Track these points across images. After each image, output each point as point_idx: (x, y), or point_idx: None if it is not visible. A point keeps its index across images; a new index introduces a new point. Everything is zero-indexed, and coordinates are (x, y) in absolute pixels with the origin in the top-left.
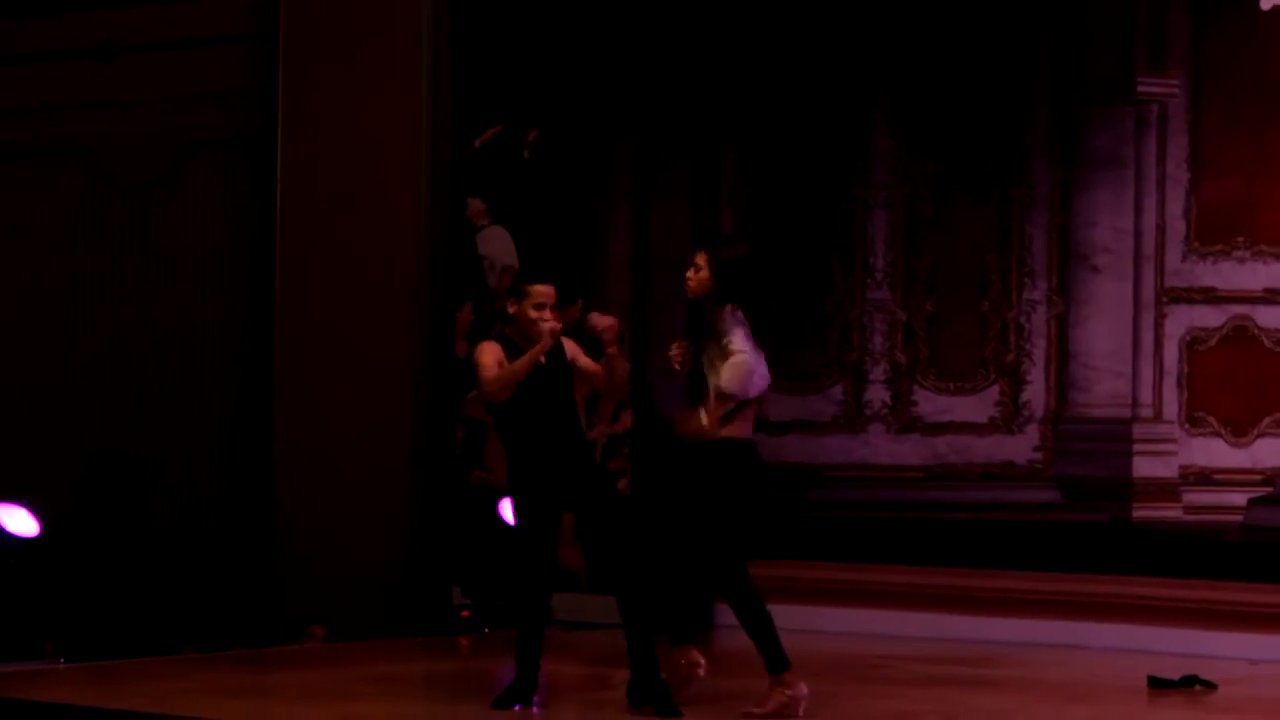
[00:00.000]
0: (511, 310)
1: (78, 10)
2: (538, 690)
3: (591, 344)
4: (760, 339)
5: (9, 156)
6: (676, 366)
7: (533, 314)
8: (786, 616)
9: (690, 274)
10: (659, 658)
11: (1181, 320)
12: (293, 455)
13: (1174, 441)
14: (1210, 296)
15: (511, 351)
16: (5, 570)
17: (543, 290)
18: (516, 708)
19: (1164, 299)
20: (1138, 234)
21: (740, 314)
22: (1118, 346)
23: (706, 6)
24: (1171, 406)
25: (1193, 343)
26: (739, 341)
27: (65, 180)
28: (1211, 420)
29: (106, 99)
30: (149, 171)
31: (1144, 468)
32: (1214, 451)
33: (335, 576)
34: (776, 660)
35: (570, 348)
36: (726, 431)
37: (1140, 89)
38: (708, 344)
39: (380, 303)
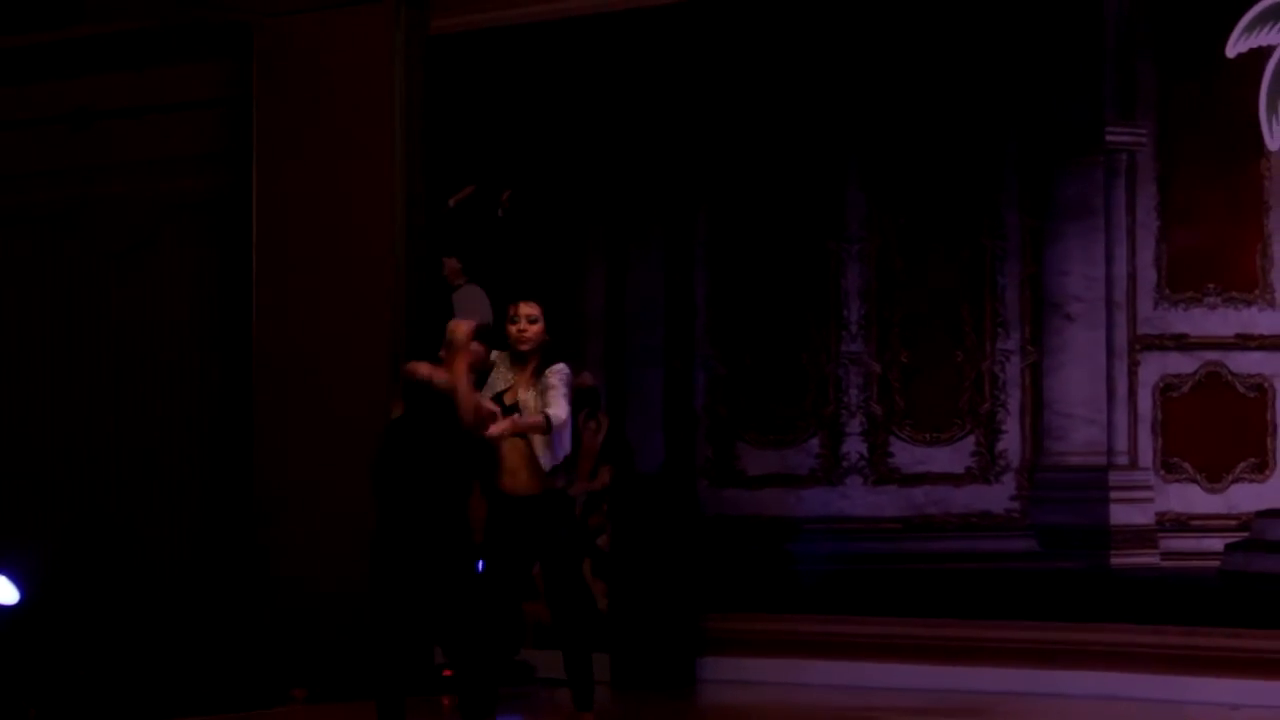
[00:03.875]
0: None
1: (53, 77)
2: None
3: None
4: (735, 394)
5: None
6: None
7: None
8: (768, 670)
9: (526, 325)
10: None
11: (1155, 367)
12: (272, 518)
13: (1150, 488)
14: (1183, 343)
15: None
16: None
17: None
18: None
19: (1137, 346)
20: (1109, 282)
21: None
22: (1092, 394)
23: (677, 64)
24: (1147, 453)
25: (1166, 389)
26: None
27: (41, 246)
28: (1187, 466)
29: (82, 164)
30: (126, 236)
31: (1121, 515)
32: (1190, 497)
33: (315, 638)
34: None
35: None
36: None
37: (1109, 138)
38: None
39: (357, 363)
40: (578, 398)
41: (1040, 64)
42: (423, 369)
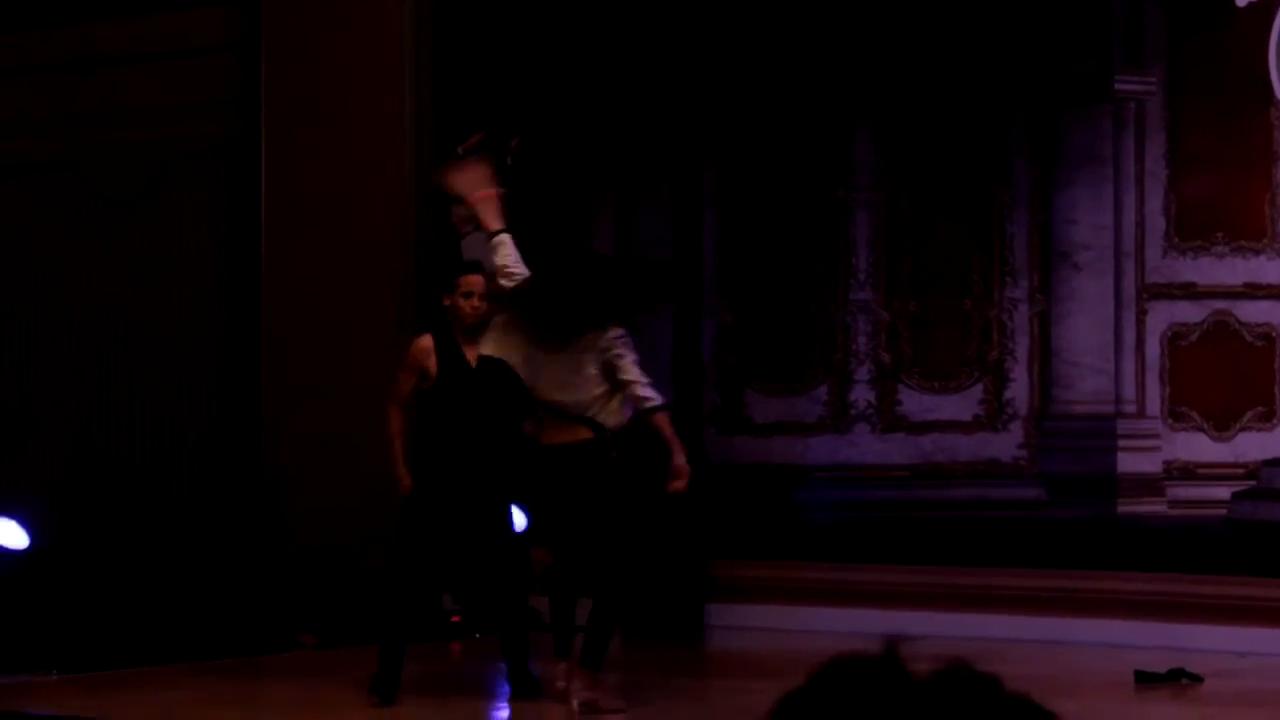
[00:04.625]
0: (446, 302)
1: (56, 24)
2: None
3: None
4: (743, 342)
5: None
6: None
7: (461, 303)
8: (775, 617)
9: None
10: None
11: (1163, 316)
12: (280, 463)
13: (1157, 437)
14: (1191, 292)
15: (445, 342)
16: None
17: (470, 280)
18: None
19: (1145, 295)
20: (1118, 231)
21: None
22: (1100, 343)
23: (685, 11)
24: (1154, 402)
25: (1174, 338)
26: None
27: (48, 194)
28: (1194, 415)
29: (88, 111)
30: (133, 183)
31: (1128, 463)
32: (1197, 446)
33: (324, 584)
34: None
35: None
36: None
37: (1118, 87)
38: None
39: (367, 308)
40: None
41: (1049, 12)
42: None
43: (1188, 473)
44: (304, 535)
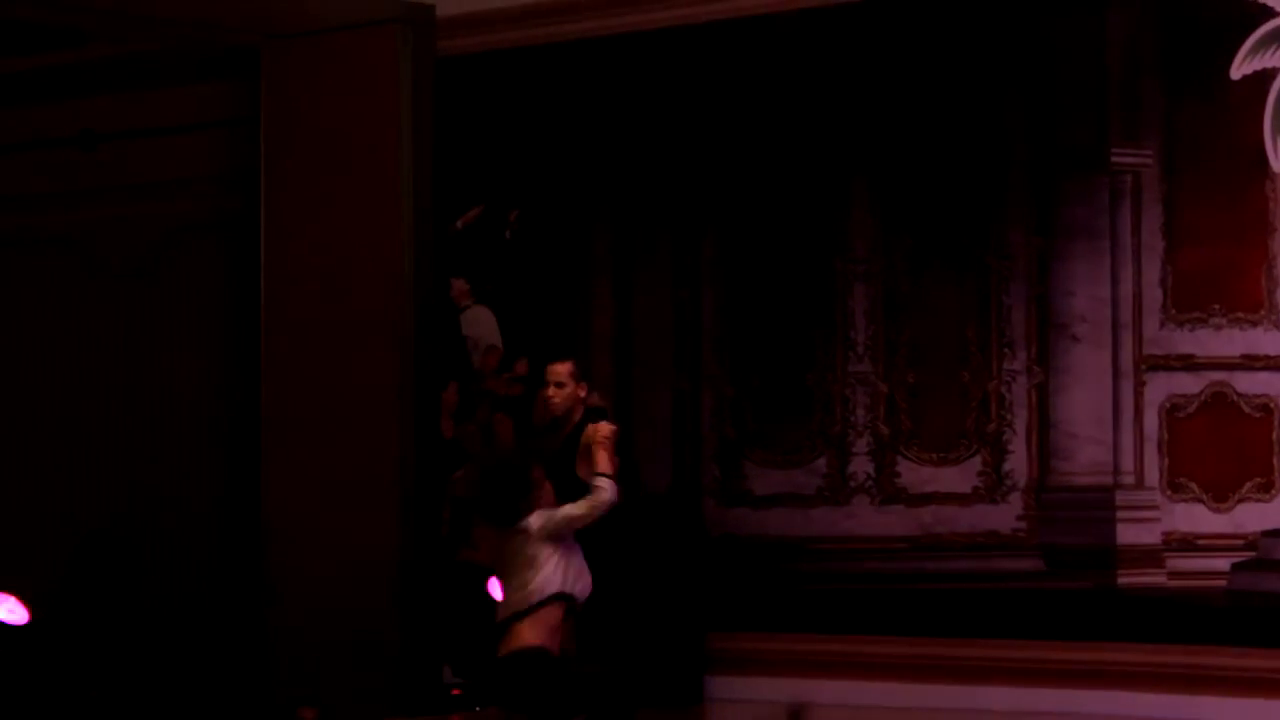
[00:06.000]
0: None
1: (58, 99)
2: None
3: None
4: (742, 414)
5: None
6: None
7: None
8: (776, 689)
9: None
10: None
11: (1161, 388)
12: (280, 538)
13: (1156, 508)
14: (1189, 364)
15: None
16: None
17: (552, 369)
18: None
19: (1143, 367)
20: (1115, 303)
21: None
22: (1098, 414)
23: (683, 85)
24: (1153, 473)
25: (1172, 409)
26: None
27: (48, 269)
28: (1193, 486)
29: (88, 187)
30: (132, 258)
31: (1127, 535)
32: (1196, 517)
33: (324, 658)
34: None
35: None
36: None
37: (1114, 159)
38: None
39: (366, 383)
40: (597, 415)
41: (1044, 85)
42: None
43: (1187, 544)
44: (304, 610)
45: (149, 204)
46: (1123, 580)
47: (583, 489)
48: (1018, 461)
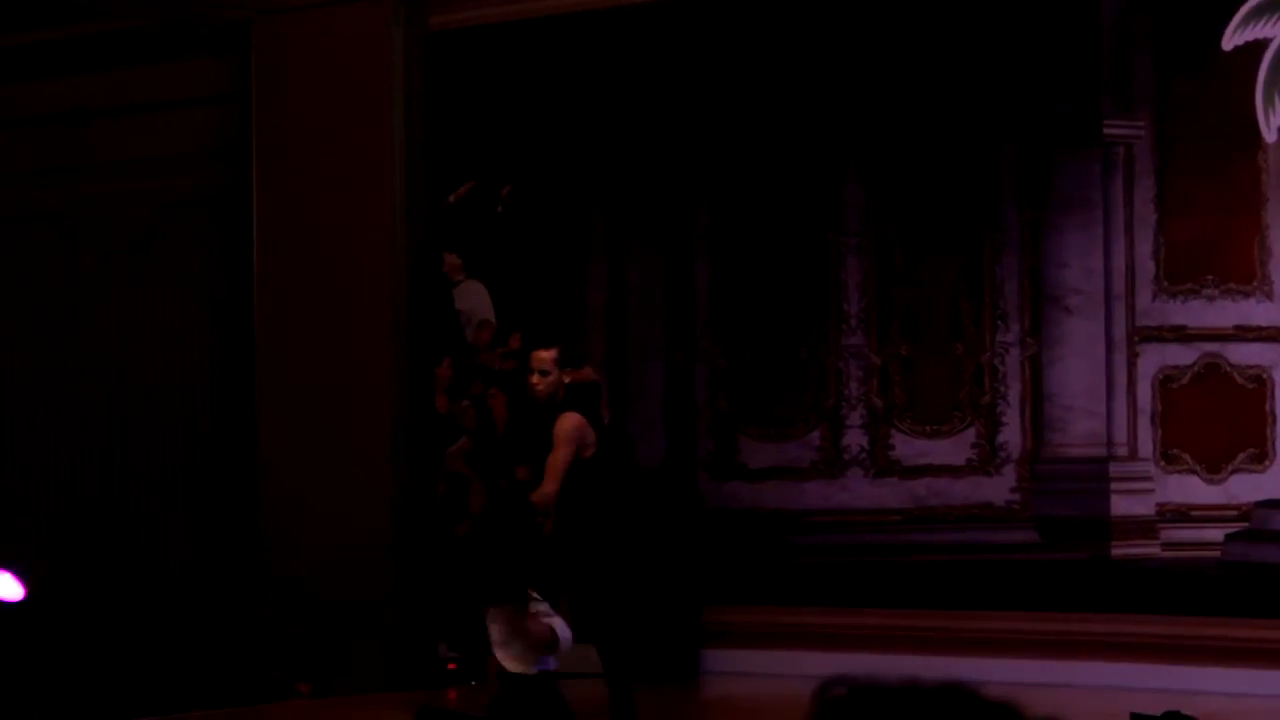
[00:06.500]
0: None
1: (50, 76)
2: None
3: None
4: (736, 387)
5: None
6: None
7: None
8: (769, 662)
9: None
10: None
11: (1154, 359)
12: (275, 512)
13: (1150, 479)
14: (1181, 335)
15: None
16: None
17: (536, 356)
18: None
19: (1136, 338)
20: (1108, 274)
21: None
22: (1092, 386)
23: (676, 58)
24: (1146, 445)
25: (1166, 381)
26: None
27: (40, 245)
28: (1186, 457)
29: (80, 163)
30: (125, 234)
31: (1121, 506)
32: (1190, 488)
33: (320, 632)
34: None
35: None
36: None
37: (1106, 131)
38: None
39: (359, 358)
40: (579, 392)
41: (1037, 57)
42: None
43: (1181, 515)
44: (299, 584)
45: (141, 180)
46: (1117, 552)
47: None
48: (1011, 434)
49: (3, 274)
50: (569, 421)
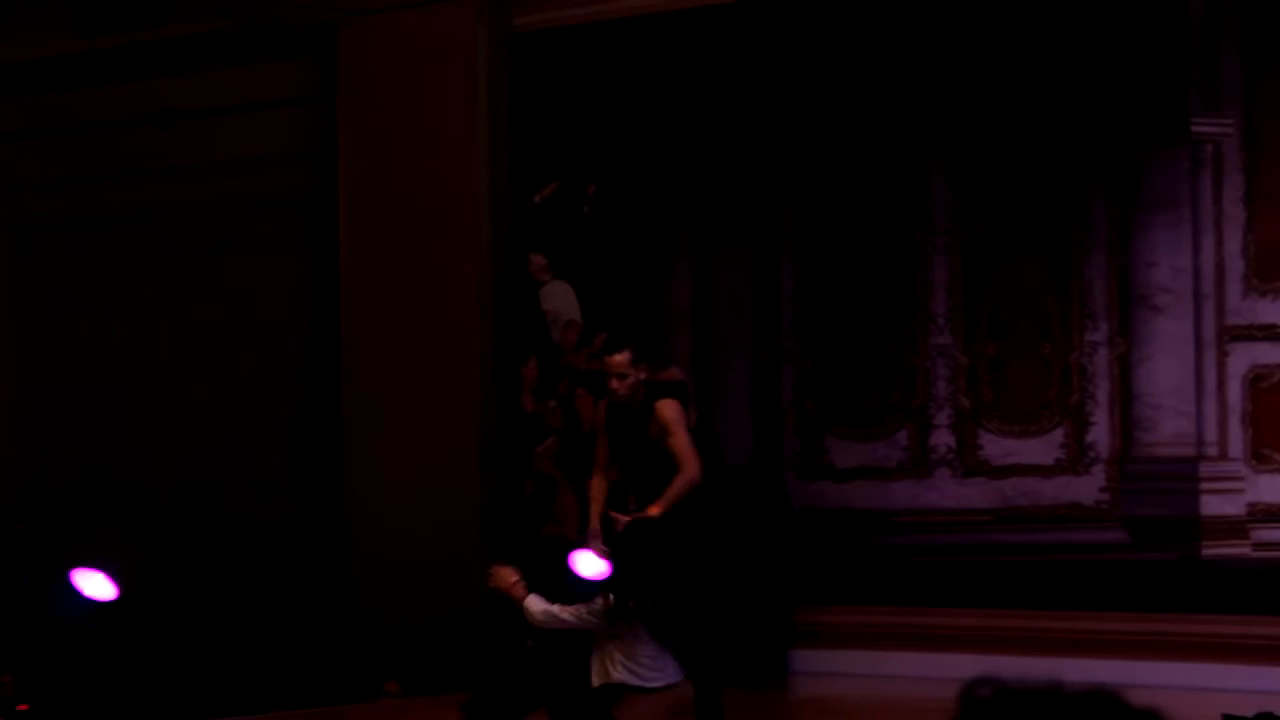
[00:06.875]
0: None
1: (138, 78)
2: None
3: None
4: (822, 387)
5: (73, 224)
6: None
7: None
8: (859, 662)
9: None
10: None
11: (1244, 358)
12: (364, 512)
13: (1240, 479)
14: (1271, 333)
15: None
16: (84, 634)
17: (611, 361)
18: None
19: (1225, 337)
20: (1197, 273)
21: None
22: (1181, 385)
23: (764, 59)
24: (1237, 444)
25: (1256, 380)
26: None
27: (129, 246)
28: (1277, 457)
29: (169, 164)
30: (212, 235)
31: (1212, 506)
32: None
33: (409, 632)
34: None
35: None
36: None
37: (1195, 129)
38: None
39: (446, 359)
40: (663, 391)
41: (1125, 55)
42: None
43: (1272, 515)
44: (389, 583)
45: (228, 181)
46: (1207, 552)
47: (661, 457)
48: (1100, 433)
49: (93, 275)
50: (671, 406)
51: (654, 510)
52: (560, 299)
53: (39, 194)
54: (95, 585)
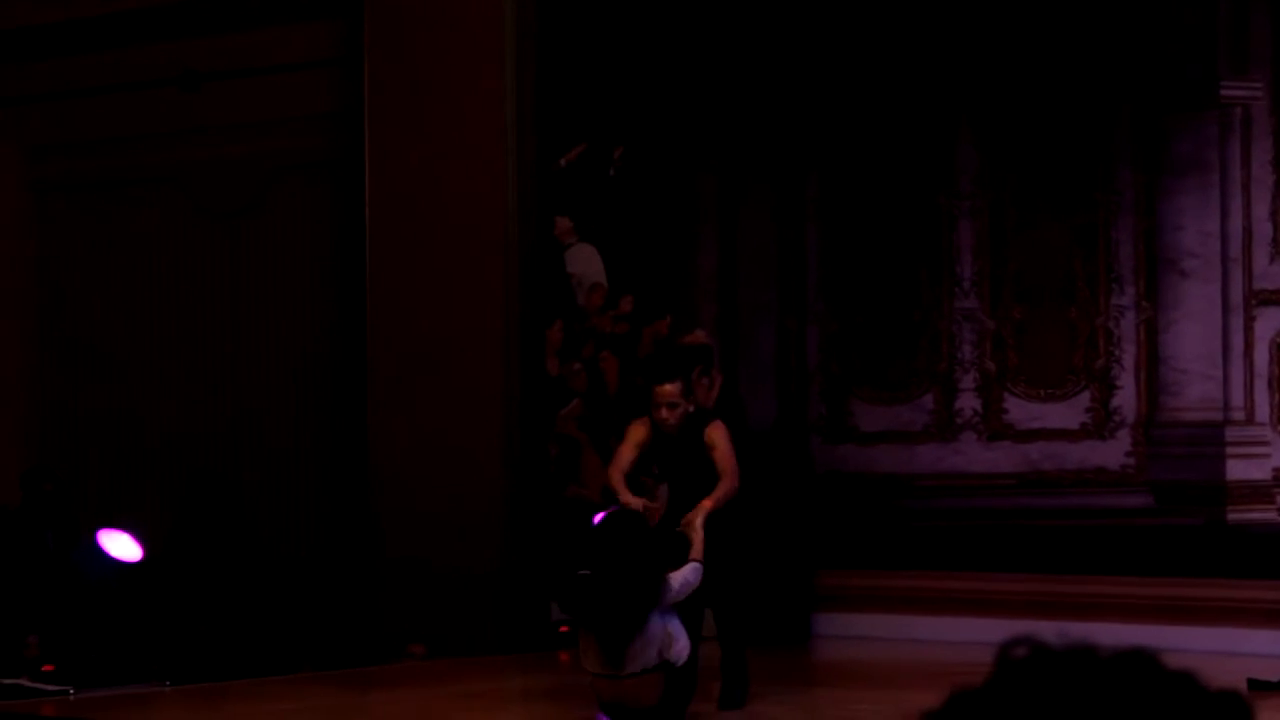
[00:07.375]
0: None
1: (161, 40)
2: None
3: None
4: (847, 350)
5: (98, 186)
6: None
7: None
8: (881, 625)
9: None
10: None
11: (1271, 322)
12: (387, 475)
13: (1267, 444)
14: None
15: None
16: (110, 595)
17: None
18: None
19: (1253, 301)
20: (1224, 237)
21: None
22: (1208, 350)
23: (788, 21)
24: (1263, 409)
25: None
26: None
27: (154, 208)
28: None
29: (193, 127)
30: (237, 198)
31: (1237, 470)
32: None
33: (433, 594)
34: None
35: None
36: None
37: (1224, 93)
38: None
39: (471, 321)
40: (690, 355)
41: (1153, 18)
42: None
43: None
44: (412, 546)
45: (253, 143)
46: (1233, 516)
47: (704, 463)
48: (1126, 397)
49: (119, 236)
50: (721, 432)
51: (708, 504)
52: (585, 262)
53: (65, 155)
54: (121, 546)
